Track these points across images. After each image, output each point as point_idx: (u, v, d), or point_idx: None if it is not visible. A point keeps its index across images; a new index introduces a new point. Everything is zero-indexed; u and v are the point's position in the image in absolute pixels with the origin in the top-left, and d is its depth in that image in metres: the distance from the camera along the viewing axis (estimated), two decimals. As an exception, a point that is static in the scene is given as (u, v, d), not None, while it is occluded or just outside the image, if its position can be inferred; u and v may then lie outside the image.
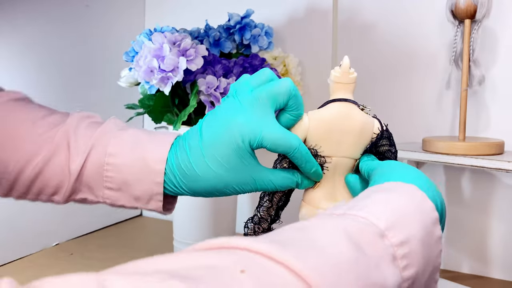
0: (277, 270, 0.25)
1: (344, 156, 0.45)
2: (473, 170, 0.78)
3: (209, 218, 0.77)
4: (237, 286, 0.23)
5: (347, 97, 0.45)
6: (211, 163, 0.44)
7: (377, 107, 0.85)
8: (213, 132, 0.45)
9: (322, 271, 0.26)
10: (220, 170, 0.44)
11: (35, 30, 0.84)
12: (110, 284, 0.21)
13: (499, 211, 0.77)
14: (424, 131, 0.81)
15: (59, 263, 0.81)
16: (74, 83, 0.92)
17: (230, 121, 0.44)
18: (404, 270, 0.31)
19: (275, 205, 0.48)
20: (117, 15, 1.02)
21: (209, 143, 0.45)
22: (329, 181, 0.47)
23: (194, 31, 0.82)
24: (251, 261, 0.25)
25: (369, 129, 0.45)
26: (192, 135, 0.48)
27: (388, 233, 0.31)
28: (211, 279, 0.22)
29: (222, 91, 0.71)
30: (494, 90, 0.76)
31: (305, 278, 0.25)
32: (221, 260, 0.25)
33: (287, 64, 0.86)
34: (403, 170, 0.40)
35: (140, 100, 0.75)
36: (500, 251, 0.78)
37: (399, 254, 0.31)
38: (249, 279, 0.23)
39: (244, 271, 0.24)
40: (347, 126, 0.44)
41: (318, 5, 0.90)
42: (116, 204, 0.49)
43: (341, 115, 0.44)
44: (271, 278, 0.24)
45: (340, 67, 0.46)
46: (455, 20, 0.71)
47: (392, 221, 0.32)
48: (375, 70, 0.85)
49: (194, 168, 0.45)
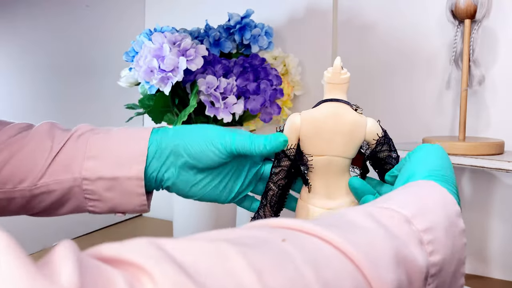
0: (320, 244, 0.27)
1: (336, 155, 0.46)
2: (473, 170, 0.78)
3: (209, 218, 0.77)
4: (280, 250, 0.25)
5: (340, 97, 0.46)
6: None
7: (377, 107, 0.85)
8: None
9: (361, 246, 0.28)
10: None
11: (35, 30, 0.84)
12: (164, 243, 0.23)
13: (499, 211, 0.77)
14: (424, 131, 0.81)
15: (59, 263, 0.81)
16: (74, 83, 0.92)
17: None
18: (430, 255, 0.32)
19: (269, 203, 0.50)
20: (117, 15, 1.02)
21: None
22: (323, 179, 0.47)
23: (194, 31, 0.82)
24: (292, 235, 0.28)
25: (360, 129, 0.46)
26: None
27: (413, 220, 0.32)
28: (257, 246, 0.25)
29: (222, 91, 0.71)
30: (494, 90, 0.76)
31: (345, 251, 0.27)
32: (266, 233, 0.27)
33: (287, 64, 0.86)
34: (422, 162, 0.41)
35: (140, 100, 0.75)
36: (500, 251, 0.78)
37: (425, 239, 0.32)
38: (292, 246, 0.26)
39: (285, 240, 0.26)
40: (337, 126, 0.45)
41: (318, 5, 0.90)
42: (93, 176, 0.47)
43: (331, 114, 0.45)
44: (314, 248, 0.27)
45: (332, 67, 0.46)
46: (455, 20, 0.71)
47: (417, 210, 0.33)
48: (375, 70, 0.85)
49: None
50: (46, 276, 0.18)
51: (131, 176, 0.48)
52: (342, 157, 0.46)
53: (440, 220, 0.33)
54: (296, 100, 0.92)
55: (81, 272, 0.19)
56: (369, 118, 0.47)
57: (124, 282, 0.20)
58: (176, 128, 0.50)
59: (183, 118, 0.69)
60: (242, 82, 0.73)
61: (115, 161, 0.48)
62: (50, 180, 0.47)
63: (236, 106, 0.71)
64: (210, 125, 0.50)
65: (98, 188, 0.48)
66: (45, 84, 0.86)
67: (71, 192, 0.48)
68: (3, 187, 0.47)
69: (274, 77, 0.76)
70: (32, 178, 0.47)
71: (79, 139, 0.49)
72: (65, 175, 0.47)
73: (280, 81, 0.76)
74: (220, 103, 0.70)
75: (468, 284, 0.73)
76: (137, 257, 0.21)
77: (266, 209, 0.50)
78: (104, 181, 0.48)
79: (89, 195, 0.48)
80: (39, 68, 0.85)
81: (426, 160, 0.41)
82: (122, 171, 0.48)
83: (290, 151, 0.47)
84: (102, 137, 0.49)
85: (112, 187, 0.48)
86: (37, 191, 0.47)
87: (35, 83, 0.85)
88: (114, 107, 0.97)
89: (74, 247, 0.20)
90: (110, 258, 0.22)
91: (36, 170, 0.47)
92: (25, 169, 0.47)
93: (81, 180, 0.47)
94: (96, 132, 0.50)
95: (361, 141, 0.46)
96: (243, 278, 0.22)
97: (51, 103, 0.88)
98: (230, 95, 0.71)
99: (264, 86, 0.74)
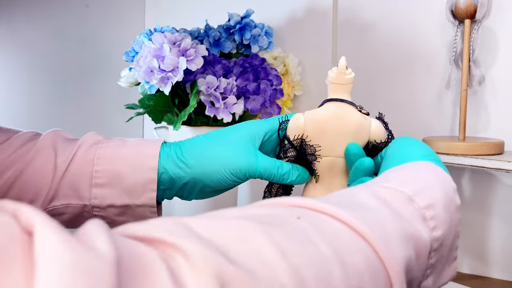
0: (333, 222, 0.28)
1: (340, 156, 0.46)
2: (473, 170, 0.78)
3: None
4: (298, 228, 0.26)
5: (344, 97, 0.45)
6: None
7: (377, 107, 0.85)
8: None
9: (372, 225, 0.29)
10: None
11: (35, 30, 0.84)
12: (188, 222, 0.24)
13: (499, 211, 0.77)
14: (424, 131, 0.81)
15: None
16: (74, 83, 0.92)
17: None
18: (433, 230, 0.33)
19: (274, 196, 0.50)
20: (117, 15, 1.02)
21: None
22: (326, 180, 0.47)
23: (194, 31, 0.82)
24: (306, 213, 0.28)
25: (364, 130, 0.45)
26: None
27: (415, 198, 0.34)
28: (277, 224, 0.26)
29: (222, 91, 0.71)
30: (494, 90, 0.76)
31: (358, 230, 0.28)
32: (282, 211, 0.28)
33: (287, 64, 0.86)
34: (416, 146, 0.42)
35: (140, 100, 0.75)
36: (500, 251, 0.78)
37: (428, 216, 0.33)
38: (308, 224, 0.27)
39: (300, 217, 0.27)
40: (341, 127, 0.45)
41: (318, 5, 0.90)
42: (103, 204, 0.46)
43: (335, 115, 0.45)
44: (329, 226, 0.28)
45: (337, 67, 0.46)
46: (455, 20, 0.71)
47: (417, 188, 0.34)
48: (375, 70, 0.85)
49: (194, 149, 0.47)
50: (83, 244, 0.18)
51: (143, 204, 0.47)
52: (343, 158, 0.46)
53: (440, 197, 0.35)
54: (296, 100, 0.92)
55: (115, 246, 0.19)
56: (374, 119, 0.46)
57: (159, 257, 0.20)
58: (190, 152, 0.47)
59: (183, 118, 0.69)
60: (242, 82, 0.73)
61: (125, 189, 0.46)
62: (59, 204, 0.46)
63: (236, 106, 0.71)
64: (229, 144, 0.47)
65: (109, 214, 0.47)
66: (44, 84, 0.86)
67: (82, 215, 0.47)
68: None
69: (274, 77, 0.76)
70: (41, 200, 0.45)
71: (85, 157, 0.46)
72: (75, 200, 0.46)
73: (280, 81, 0.76)
74: (220, 103, 0.70)
75: (468, 284, 0.73)
76: (167, 235, 0.21)
77: None
78: (115, 208, 0.47)
79: (101, 219, 0.48)
80: (39, 68, 0.85)
81: (415, 145, 0.42)
82: (133, 199, 0.46)
83: (297, 141, 0.46)
84: (109, 158, 0.46)
85: (124, 212, 0.47)
86: (48, 214, 0.47)
87: (35, 83, 0.85)
88: (114, 107, 0.97)
89: (104, 224, 0.20)
90: (139, 237, 0.22)
91: (45, 190, 0.45)
92: (33, 190, 0.45)
93: (91, 207, 0.46)
94: (103, 147, 0.47)
95: (365, 142, 0.46)
96: (269, 256, 0.23)
97: (51, 103, 0.88)
98: (230, 95, 0.71)
99: (264, 86, 0.74)
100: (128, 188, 0.46)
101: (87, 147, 0.47)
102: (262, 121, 0.49)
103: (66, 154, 0.46)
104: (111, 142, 0.48)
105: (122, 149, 0.47)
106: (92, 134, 0.50)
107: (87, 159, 0.46)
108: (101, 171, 0.46)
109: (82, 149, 0.47)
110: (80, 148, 0.47)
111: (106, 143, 0.48)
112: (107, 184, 0.46)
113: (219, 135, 0.48)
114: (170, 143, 0.49)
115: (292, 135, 0.46)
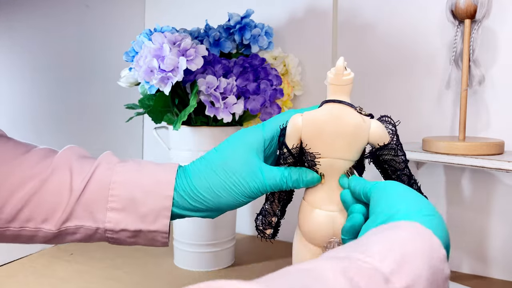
0: None
1: (339, 158, 0.45)
2: (473, 170, 0.78)
3: (209, 218, 0.77)
4: None
5: (343, 98, 0.45)
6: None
7: (377, 107, 0.85)
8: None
9: None
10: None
11: (34, 30, 0.84)
12: None
13: (499, 211, 0.77)
14: (424, 131, 0.81)
15: (59, 263, 0.81)
16: (74, 83, 0.92)
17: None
18: None
19: (277, 199, 0.50)
20: (117, 15, 1.02)
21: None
22: (326, 182, 0.47)
23: (194, 31, 0.82)
24: None
25: (363, 131, 0.45)
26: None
27: (392, 278, 0.30)
28: None
29: (222, 91, 0.71)
30: (494, 90, 0.76)
31: None
32: None
33: (287, 64, 0.86)
34: (405, 199, 0.38)
35: (140, 100, 0.75)
36: (500, 251, 0.78)
37: None
38: None
39: None
40: (339, 128, 0.44)
41: (318, 5, 0.90)
42: (117, 228, 0.47)
43: (332, 116, 0.44)
44: None
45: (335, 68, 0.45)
46: (455, 20, 0.71)
47: (397, 263, 0.30)
48: (375, 70, 0.85)
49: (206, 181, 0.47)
50: None
51: (156, 230, 0.47)
52: (344, 160, 0.45)
53: (423, 272, 0.31)
54: (296, 100, 0.92)
55: None
56: (374, 120, 0.45)
57: None
58: (201, 186, 0.47)
59: (183, 118, 0.69)
60: (242, 82, 0.73)
61: (139, 214, 0.46)
62: (73, 225, 0.46)
63: (236, 106, 0.71)
64: (234, 173, 0.47)
65: (121, 237, 0.47)
66: (44, 84, 0.86)
67: (94, 236, 0.48)
68: (25, 226, 0.46)
69: (274, 77, 0.76)
70: (55, 220, 0.46)
71: (102, 180, 0.47)
72: (88, 222, 0.46)
73: (280, 81, 0.76)
74: (220, 103, 0.70)
75: (468, 284, 0.73)
76: None
77: (274, 204, 0.50)
78: (128, 232, 0.47)
79: (113, 240, 0.48)
80: (39, 68, 0.85)
81: (403, 196, 0.39)
82: (146, 225, 0.47)
83: (295, 149, 0.46)
84: (125, 183, 0.47)
85: (136, 236, 0.48)
86: (61, 233, 0.47)
87: (35, 83, 0.85)
88: (114, 107, 0.97)
89: None
90: None
91: (59, 211, 0.46)
92: (47, 209, 0.45)
93: (104, 230, 0.47)
94: (119, 171, 0.47)
95: (365, 144, 0.45)
96: None
97: (51, 103, 0.88)
98: (230, 95, 0.71)
99: (264, 86, 0.74)
100: (142, 214, 0.47)
101: (103, 170, 0.47)
102: (258, 129, 0.49)
103: (82, 175, 0.47)
104: (127, 165, 0.48)
105: (138, 174, 0.48)
106: (108, 154, 0.50)
107: (103, 182, 0.46)
108: (117, 196, 0.46)
109: (98, 172, 0.47)
110: (96, 169, 0.47)
111: (122, 166, 0.48)
112: (122, 209, 0.46)
113: (221, 161, 0.48)
114: (183, 172, 0.49)
115: (290, 140, 0.46)
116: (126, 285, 0.73)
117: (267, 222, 0.50)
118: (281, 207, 0.50)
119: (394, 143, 0.45)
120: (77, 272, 0.78)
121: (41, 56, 0.85)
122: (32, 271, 0.77)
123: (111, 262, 0.82)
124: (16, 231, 0.46)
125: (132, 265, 0.81)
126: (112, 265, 0.81)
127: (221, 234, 0.79)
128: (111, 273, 0.77)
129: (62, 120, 0.90)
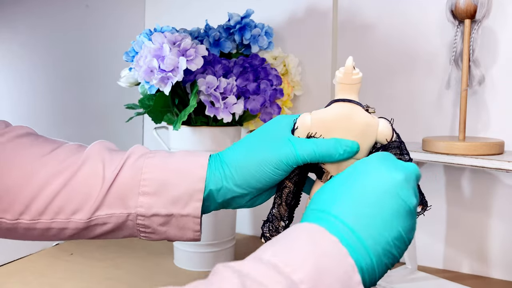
0: None
1: None
2: (473, 170, 0.78)
3: (209, 218, 0.77)
4: None
5: (351, 97, 0.45)
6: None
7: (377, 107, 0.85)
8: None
9: None
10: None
11: (35, 30, 0.84)
12: None
13: (499, 211, 0.77)
14: (424, 131, 0.81)
15: (59, 263, 0.81)
16: (74, 83, 0.92)
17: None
18: None
19: (284, 202, 0.49)
20: (117, 15, 1.02)
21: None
22: None
23: (194, 31, 0.82)
24: None
25: (372, 130, 0.45)
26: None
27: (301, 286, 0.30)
28: None
29: (222, 91, 0.71)
30: (494, 90, 0.76)
31: None
32: None
33: (287, 64, 0.86)
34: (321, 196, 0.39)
35: (140, 100, 0.75)
36: (500, 251, 0.78)
37: None
38: None
39: None
40: (348, 126, 0.45)
41: (318, 5, 0.90)
42: (149, 213, 0.46)
43: (341, 115, 0.45)
44: None
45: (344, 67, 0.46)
46: (455, 20, 0.71)
47: (310, 278, 0.30)
48: (375, 70, 0.85)
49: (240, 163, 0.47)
50: None
51: (188, 214, 0.47)
52: (353, 159, 0.46)
53: (311, 275, 0.30)
54: (296, 100, 0.92)
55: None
56: (381, 119, 0.46)
57: None
58: (234, 159, 0.47)
59: (183, 118, 0.69)
60: (242, 82, 0.73)
61: (171, 198, 0.46)
62: (104, 213, 0.46)
63: (236, 106, 0.71)
64: (267, 143, 0.46)
65: (152, 223, 0.47)
66: (45, 84, 0.86)
67: (125, 224, 0.47)
68: (56, 218, 0.46)
69: (274, 77, 0.76)
70: (86, 210, 0.46)
71: (134, 167, 0.47)
72: (120, 209, 0.46)
73: (280, 81, 0.76)
74: (220, 103, 0.70)
75: (468, 284, 0.73)
76: None
77: (281, 207, 0.49)
78: (159, 217, 0.47)
79: (143, 228, 0.48)
80: (39, 68, 0.85)
81: (324, 191, 0.39)
82: (178, 209, 0.46)
83: None
84: (158, 166, 0.47)
85: (167, 222, 0.47)
86: (91, 224, 0.46)
87: (35, 83, 0.85)
88: (114, 107, 0.97)
89: None
90: None
91: (91, 201, 0.46)
92: (79, 199, 0.45)
93: (135, 215, 0.46)
94: (150, 157, 0.48)
95: (373, 142, 0.46)
96: None
97: (51, 102, 0.88)
98: (230, 95, 0.71)
99: (264, 86, 0.74)
100: (174, 197, 0.46)
101: (135, 158, 0.48)
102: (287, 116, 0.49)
103: (115, 165, 0.47)
104: (158, 152, 0.49)
105: (170, 158, 0.48)
106: (139, 146, 0.50)
107: (135, 168, 0.47)
108: (149, 179, 0.46)
109: (130, 160, 0.47)
110: (128, 158, 0.48)
111: (154, 153, 0.49)
112: (154, 193, 0.46)
113: (252, 138, 0.48)
114: (215, 157, 0.49)
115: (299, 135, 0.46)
116: (126, 285, 0.73)
117: (274, 228, 0.49)
118: (289, 211, 0.50)
119: (398, 140, 0.46)
120: (77, 272, 0.78)
121: (40, 56, 0.85)
122: (32, 271, 0.77)
123: (111, 262, 0.82)
124: (47, 223, 0.46)
125: (132, 265, 0.81)
126: (112, 265, 0.81)
127: (221, 234, 0.79)
128: (111, 273, 0.77)
129: (62, 120, 0.90)
